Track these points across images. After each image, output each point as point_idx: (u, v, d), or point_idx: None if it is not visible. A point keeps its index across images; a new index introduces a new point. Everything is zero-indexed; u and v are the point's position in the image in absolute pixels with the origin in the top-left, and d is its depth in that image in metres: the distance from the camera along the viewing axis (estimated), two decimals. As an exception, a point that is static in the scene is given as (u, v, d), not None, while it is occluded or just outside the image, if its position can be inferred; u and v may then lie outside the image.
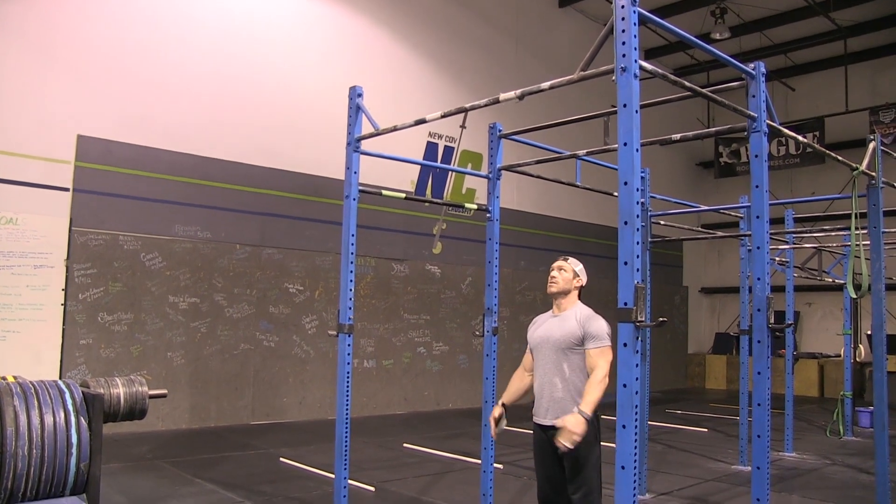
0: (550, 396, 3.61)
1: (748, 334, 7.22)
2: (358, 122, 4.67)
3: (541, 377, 3.69)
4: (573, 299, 3.74)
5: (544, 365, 3.67)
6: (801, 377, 13.41)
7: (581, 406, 3.31)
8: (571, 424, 3.22)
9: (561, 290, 3.71)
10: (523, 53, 13.03)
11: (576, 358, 3.57)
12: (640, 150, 2.84)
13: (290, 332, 9.67)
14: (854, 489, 6.27)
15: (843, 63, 14.09)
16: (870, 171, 4.82)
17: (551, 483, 3.66)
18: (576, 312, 3.66)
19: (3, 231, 7.42)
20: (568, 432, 3.21)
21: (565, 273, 3.73)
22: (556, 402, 3.58)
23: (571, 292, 3.74)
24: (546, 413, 3.62)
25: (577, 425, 3.21)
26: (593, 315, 3.64)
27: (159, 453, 7.05)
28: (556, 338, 3.63)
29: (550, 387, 3.61)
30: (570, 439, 3.21)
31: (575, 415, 3.26)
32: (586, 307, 3.71)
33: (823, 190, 13.64)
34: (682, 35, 3.53)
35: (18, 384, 2.93)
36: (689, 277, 16.80)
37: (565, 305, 3.72)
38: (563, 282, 3.71)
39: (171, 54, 8.82)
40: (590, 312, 3.66)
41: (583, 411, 3.28)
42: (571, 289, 3.73)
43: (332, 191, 9.50)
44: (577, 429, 3.21)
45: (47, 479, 2.83)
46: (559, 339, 3.62)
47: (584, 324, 3.58)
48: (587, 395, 3.37)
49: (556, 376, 3.60)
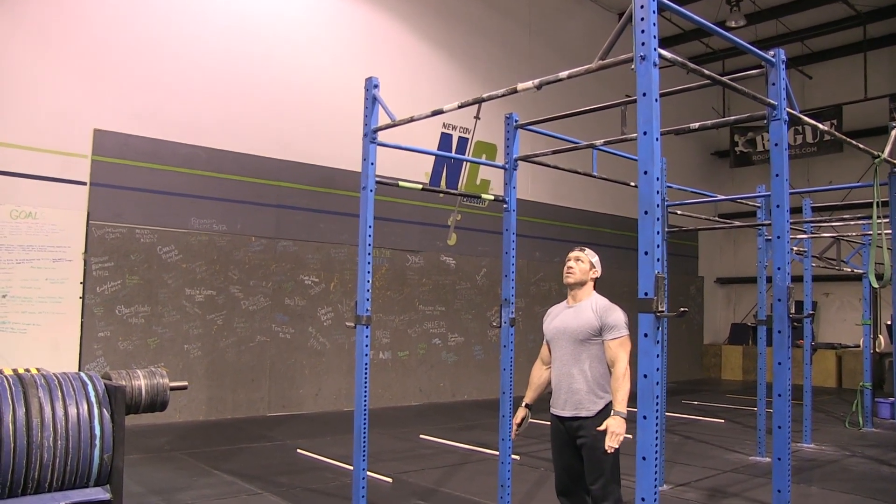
0: (569, 388, 3.61)
1: (766, 324, 7.16)
2: (374, 114, 4.65)
3: (559, 369, 3.69)
4: (589, 290, 3.74)
5: (562, 357, 3.68)
6: (818, 368, 13.32)
7: (616, 407, 3.38)
8: (614, 427, 3.32)
9: (578, 280, 3.71)
10: (537, 43, 12.95)
11: (594, 349, 3.58)
12: (660, 140, 2.82)
13: (305, 323, 9.71)
14: (875, 481, 6.20)
15: (862, 50, 13.85)
16: (892, 159, 4.75)
17: (569, 474, 3.68)
18: (592, 303, 3.66)
19: (23, 225, 7.50)
20: (614, 435, 3.30)
21: (582, 264, 3.73)
22: (574, 394, 3.58)
23: (587, 283, 3.74)
24: (564, 405, 3.63)
25: (619, 426, 3.32)
26: (610, 305, 3.64)
27: (177, 445, 7.12)
28: (573, 329, 3.63)
29: (569, 378, 3.62)
30: (616, 441, 3.31)
31: (615, 417, 3.34)
32: (602, 297, 3.72)
33: (840, 179, 13.50)
34: (702, 23, 3.49)
35: (42, 376, 2.96)
36: (705, 267, 16.70)
37: (581, 296, 3.72)
38: (579, 272, 3.71)
39: (186, 48, 8.85)
40: (606, 302, 3.66)
41: (619, 412, 3.36)
42: (588, 279, 3.74)
43: (347, 182, 9.52)
44: (620, 429, 3.31)
45: (72, 470, 2.86)
46: (576, 330, 3.61)
47: (602, 314, 3.58)
48: (617, 392, 3.41)
49: (574, 368, 3.60)
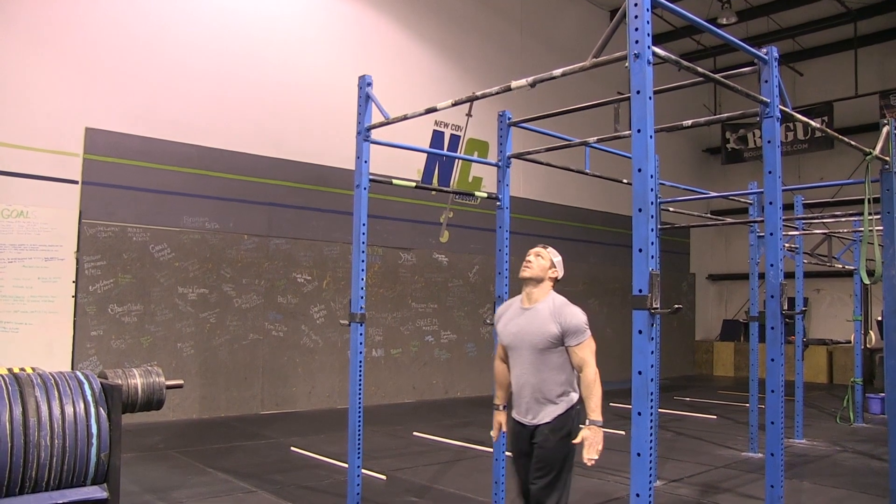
0: (530, 397, 3.47)
1: (758, 321, 7.20)
2: (367, 112, 4.65)
3: (518, 377, 3.52)
4: (546, 290, 3.53)
5: (522, 365, 3.49)
6: (810, 364, 13.40)
7: (591, 416, 3.28)
8: (591, 438, 3.23)
9: (534, 276, 3.50)
10: (529, 41, 12.96)
11: (554, 357, 3.41)
12: (654, 137, 2.83)
13: (298, 321, 9.70)
14: (866, 475, 6.27)
15: (853, 47, 13.95)
16: (884, 156, 4.79)
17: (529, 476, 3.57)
18: (549, 305, 3.45)
19: (15, 224, 7.46)
20: (591, 447, 3.22)
21: (542, 260, 3.54)
22: (535, 403, 3.46)
23: (545, 282, 3.53)
24: (527, 413, 3.50)
25: (597, 436, 3.24)
26: (566, 304, 3.45)
27: (171, 443, 7.11)
28: (531, 337, 3.43)
29: (530, 388, 3.46)
30: (595, 452, 3.23)
31: (590, 428, 3.25)
32: (559, 296, 3.52)
33: (831, 176, 13.58)
34: (695, 21, 3.50)
35: (39, 375, 2.95)
36: (697, 264, 16.77)
37: (537, 296, 3.51)
38: (538, 268, 3.51)
39: (177, 46, 8.81)
40: (563, 302, 3.47)
41: (595, 421, 3.26)
42: (545, 278, 3.53)
43: (338, 180, 9.51)
44: (598, 439, 3.23)
45: (69, 469, 2.86)
46: (535, 338, 3.42)
47: (561, 320, 3.38)
48: (590, 400, 3.30)
49: (534, 378, 3.44)
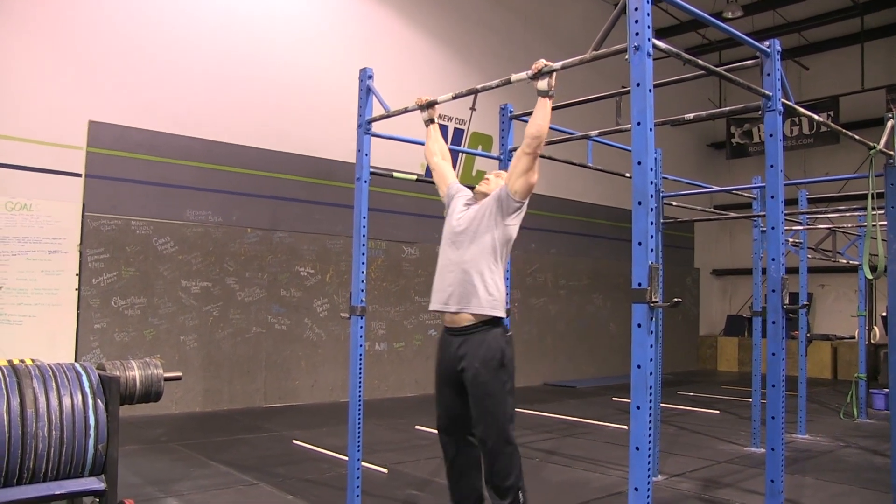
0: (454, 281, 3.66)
1: (761, 316, 7.18)
2: (369, 105, 4.64)
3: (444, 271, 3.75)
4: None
5: (449, 257, 3.75)
6: (813, 359, 13.37)
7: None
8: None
9: (488, 192, 3.78)
10: (532, 34, 12.92)
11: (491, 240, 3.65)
12: (654, 130, 2.82)
13: (301, 315, 9.72)
14: (868, 471, 6.25)
15: (859, 41, 13.83)
16: (888, 150, 4.76)
17: (450, 413, 3.64)
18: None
19: (18, 217, 7.48)
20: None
21: (500, 180, 3.81)
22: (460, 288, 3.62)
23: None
24: (448, 300, 3.63)
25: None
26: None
27: (173, 436, 7.13)
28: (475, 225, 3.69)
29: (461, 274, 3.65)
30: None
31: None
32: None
33: (837, 170, 13.50)
34: (698, 14, 3.48)
35: (37, 366, 2.97)
36: (701, 259, 16.72)
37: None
38: (495, 186, 3.78)
39: (181, 39, 8.80)
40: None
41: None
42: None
43: (342, 174, 9.50)
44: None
45: (66, 460, 2.88)
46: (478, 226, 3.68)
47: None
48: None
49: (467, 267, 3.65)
